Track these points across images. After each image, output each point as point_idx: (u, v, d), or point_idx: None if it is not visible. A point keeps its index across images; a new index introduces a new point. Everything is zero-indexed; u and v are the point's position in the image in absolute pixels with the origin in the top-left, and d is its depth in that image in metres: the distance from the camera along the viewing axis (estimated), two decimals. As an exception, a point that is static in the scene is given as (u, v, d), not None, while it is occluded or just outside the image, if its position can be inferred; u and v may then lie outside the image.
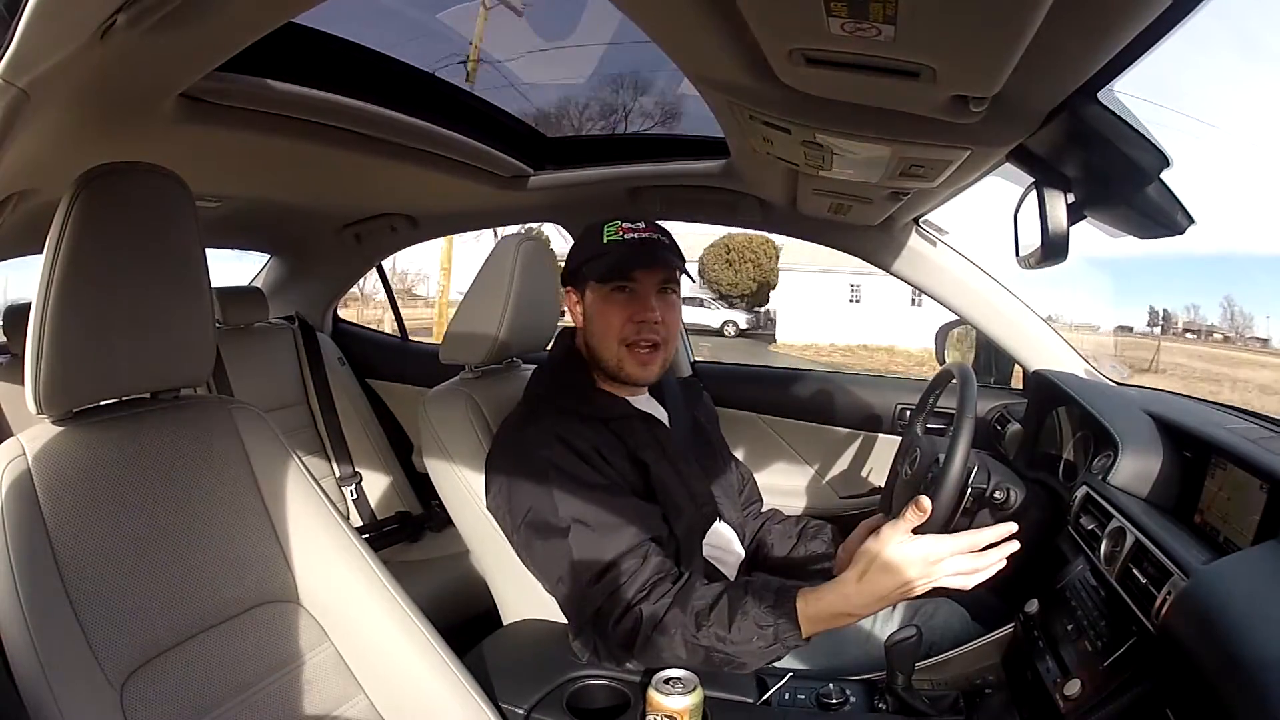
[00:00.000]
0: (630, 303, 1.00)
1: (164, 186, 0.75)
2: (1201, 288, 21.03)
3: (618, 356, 1.01)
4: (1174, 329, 19.49)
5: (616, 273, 0.99)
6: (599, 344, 1.02)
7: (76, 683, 0.65)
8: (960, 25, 0.54)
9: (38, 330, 0.67)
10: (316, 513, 0.86)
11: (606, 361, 1.02)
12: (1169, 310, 19.98)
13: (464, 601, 1.54)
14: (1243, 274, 23.31)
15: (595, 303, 1.02)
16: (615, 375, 1.03)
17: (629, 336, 1.00)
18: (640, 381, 1.04)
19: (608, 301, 1.00)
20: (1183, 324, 19.64)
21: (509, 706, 0.89)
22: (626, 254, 0.98)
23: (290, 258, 2.23)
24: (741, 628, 0.84)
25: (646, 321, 0.99)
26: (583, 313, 1.05)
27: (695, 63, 0.84)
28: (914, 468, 1.09)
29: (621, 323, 0.99)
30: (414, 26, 1.21)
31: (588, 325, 1.04)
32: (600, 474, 0.95)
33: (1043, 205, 0.88)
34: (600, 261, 1.00)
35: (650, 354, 1.01)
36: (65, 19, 0.57)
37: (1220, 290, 20.29)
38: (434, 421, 1.10)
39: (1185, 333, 19.34)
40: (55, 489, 0.69)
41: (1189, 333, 19.27)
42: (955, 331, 1.69)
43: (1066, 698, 0.77)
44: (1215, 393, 8.28)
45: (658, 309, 1.00)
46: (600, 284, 1.01)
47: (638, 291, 1.00)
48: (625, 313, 0.99)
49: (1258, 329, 18.00)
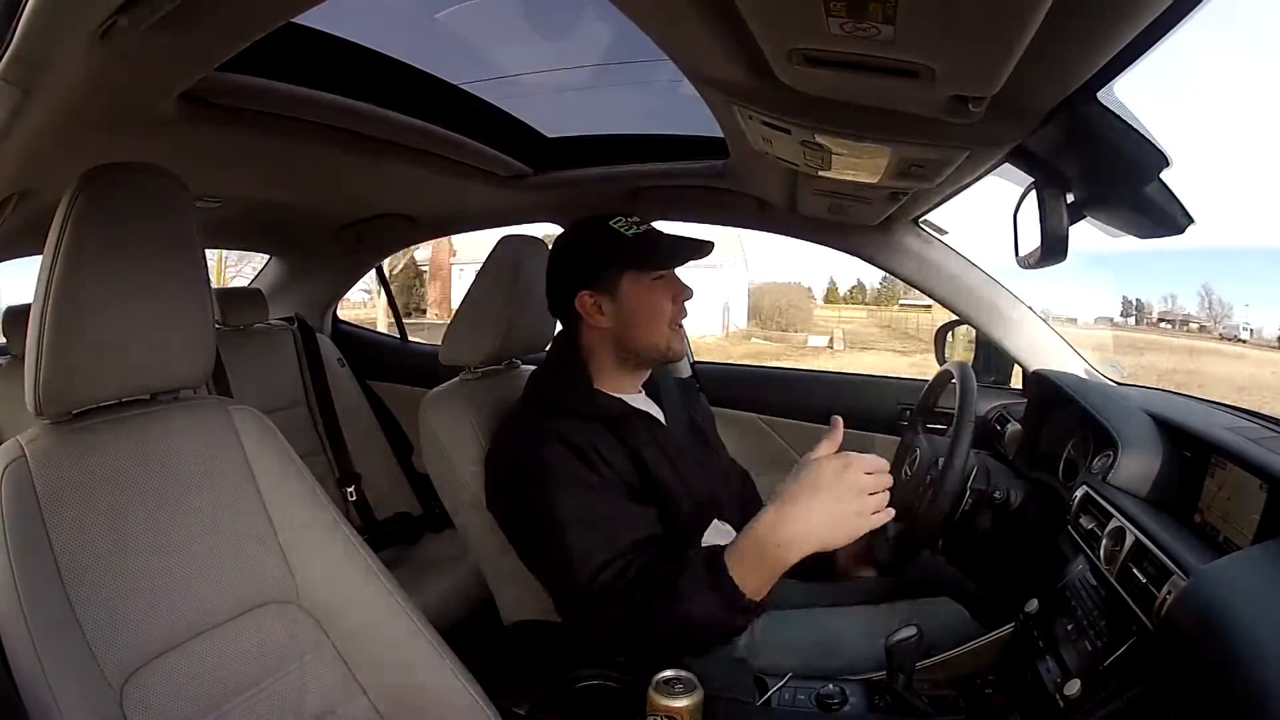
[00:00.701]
0: (670, 287, 1.06)
1: (164, 186, 0.75)
2: (1181, 280, 20.84)
3: (667, 338, 1.06)
4: (1148, 319, 19.25)
5: (668, 261, 1.05)
6: (648, 330, 1.05)
7: (76, 683, 0.64)
8: (960, 25, 0.54)
9: (37, 330, 0.67)
10: (316, 514, 0.86)
11: (655, 344, 1.05)
12: (1142, 300, 19.75)
13: (464, 602, 1.54)
14: (1225, 266, 23.18)
15: (639, 293, 1.04)
16: (662, 358, 1.07)
17: (675, 318, 1.06)
18: (679, 357, 1.11)
19: (653, 289, 1.05)
20: (1158, 314, 19.37)
21: (509, 706, 0.89)
22: (674, 243, 1.05)
23: (290, 258, 2.23)
24: (695, 609, 0.84)
25: (687, 299, 1.07)
26: (615, 309, 1.04)
27: (695, 63, 0.84)
28: (914, 468, 1.09)
29: (667, 305, 1.05)
30: (414, 26, 1.21)
31: (628, 316, 1.04)
32: (598, 473, 0.95)
33: (1042, 205, 0.88)
34: (648, 254, 1.04)
35: (681, 329, 1.08)
36: (65, 19, 0.57)
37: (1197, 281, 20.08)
38: (433, 422, 1.10)
39: (1160, 322, 19.06)
40: (55, 490, 0.69)
41: (1163, 322, 19.00)
42: (955, 331, 1.69)
43: (1066, 698, 0.76)
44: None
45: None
46: (641, 275, 1.04)
47: (670, 277, 1.06)
48: (669, 295, 1.05)
49: (1236, 317, 17.56)
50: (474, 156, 1.40)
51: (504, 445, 1.03)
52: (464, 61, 1.27)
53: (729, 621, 0.86)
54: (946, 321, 1.68)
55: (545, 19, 1.21)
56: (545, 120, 1.52)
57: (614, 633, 0.88)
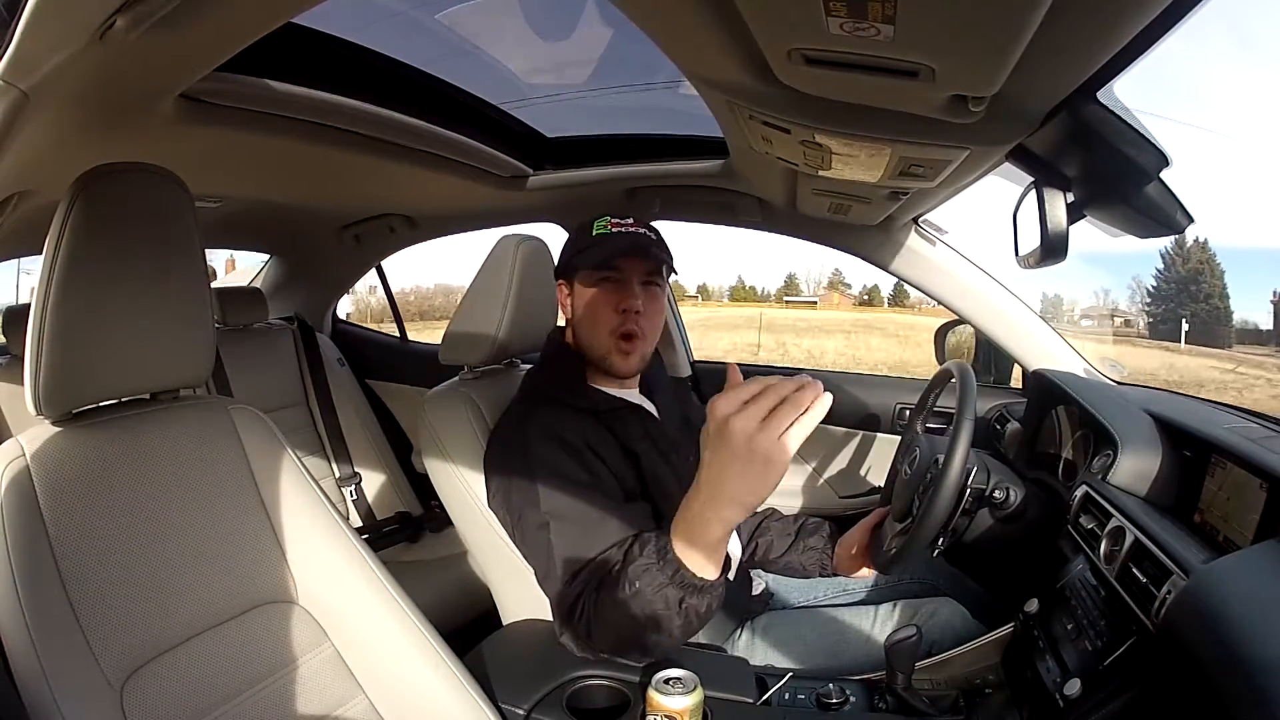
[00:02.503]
0: (616, 291, 1.02)
1: (164, 186, 0.75)
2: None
3: (606, 346, 1.03)
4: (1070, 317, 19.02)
5: (604, 262, 1.02)
6: (588, 333, 1.04)
7: (76, 683, 0.65)
8: (959, 25, 0.54)
9: (37, 330, 0.67)
10: (316, 513, 0.86)
11: (595, 350, 1.04)
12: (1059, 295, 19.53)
13: (464, 602, 1.54)
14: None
15: (584, 293, 1.05)
16: (601, 365, 1.05)
17: (616, 326, 1.02)
18: (622, 373, 1.05)
19: (595, 291, 1.03)
20: (1080, 310, 19.08)
21: (509, 706, 0.89)
22: (614, 244, 1.02)
23: (290, 258, 2.23)
24: (644, 590, 0.79)
25: (629, 310, 1.01)
26: (572, 305, 1.07)
27: (695, 63, 0.84)
28: (913, 467, 1.09)
29: (609, 311, 1.02)
30: (414, 26, 1.21)
31: (577, 316, 1.06)
32: (590, 470, 0.95)
33: (1042, 205, 0.88)
34: (590, 252, 1.02)
35: (629, 344, 1.03)
36: (65, 20, 0.57)
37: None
38: (433, 422, 1.10)
39: (1081, 319, 18.77)
40: (55, 489, 0.69)
41: (1085, 319, 18.73)
42: (954, 331, 1.69)
43: (1066, 698, 0.76)
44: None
45: (640, 298, 1.02)
46: (589, 274, 1.03)
47: (623, 281, 1.02)
48: (611, 301, 1.02)
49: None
50: (474, 156, 1.40)
51: (499, 440, 1.04)
52: (464, 62, 1.27)
53: (683, 599, 0.78)
54: (946, 321, 1.68)
55: (545, 19, 1.22)
56: (545, 120, 1.52)
57: (591, 633, 0.87)
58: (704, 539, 0.76)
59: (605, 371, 1.05)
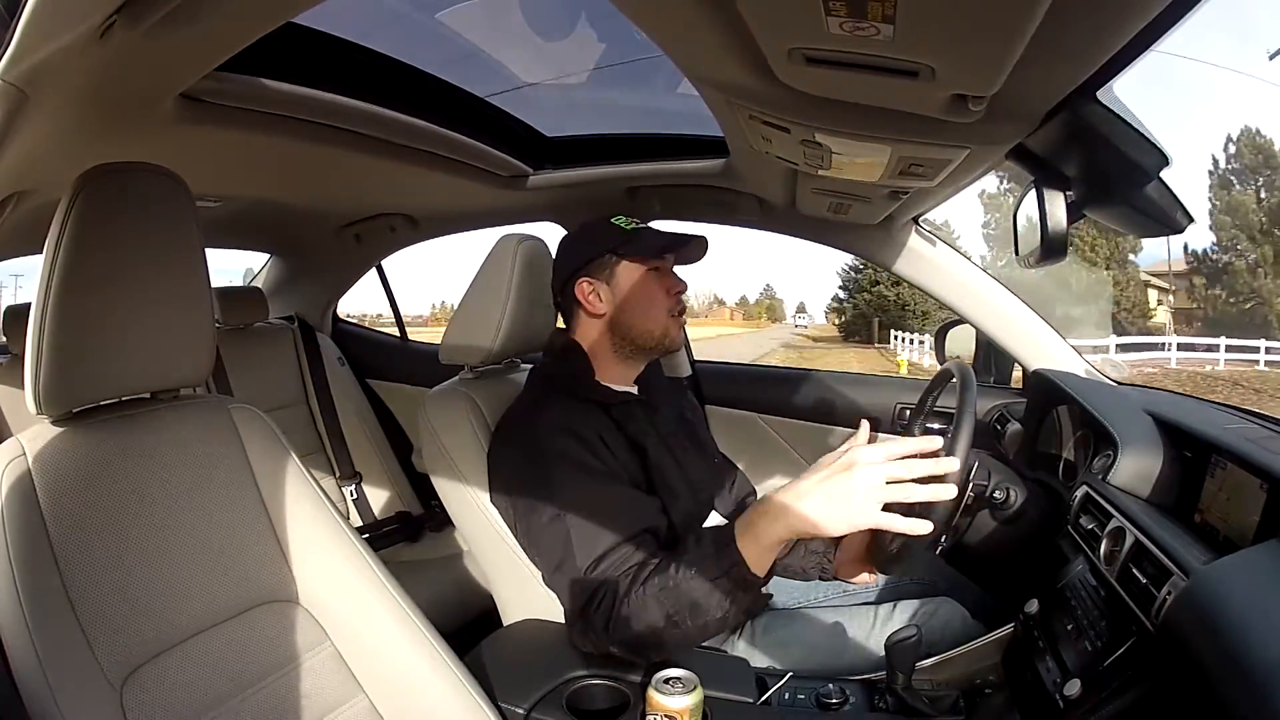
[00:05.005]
0: (665, 279, 1.10)
1: (164, 186, 0.75)
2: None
3: (664, 325, 1.09)
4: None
5: (660, 252, 1.09)
6: (643, 316, 1.08)
7: (76, 683, 0.65)
8: (959, 25, 0.54)
9: (37, 330, 0.67)
10: (316, 513, 0.86)
11: (651, 332, 1.08)
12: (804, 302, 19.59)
13: (464, 601, 1.54)
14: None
15: (635, 282, 1.07)
16: (658, 345, 1.10)
17: (672, 306, 1.09)
18: (676, 346, 1.14)
19: (649, 279, 1.08)
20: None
21: (509, 706, 0.89)
22: (666, 237, 1.09)
23: (290, 258, 2.23)
24: (694, 577, 0.82)
25: (681, 290, 1.11)
26: (611, 296, 1.08)
27: (695, 62, 0.84)
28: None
29: (663, 294, 1.09)
30: (414, 26, 1.21)
31: (624, 304, 1.07)
32: (602, 462, 0.96)
33: (1042, 204, 0.88)
34: (637, 244, 1.07)
35: (682, 318, 1.12)
36: (65, 19, 0.57)
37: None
38: (434, 422, 1.10)
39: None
40: (55, 489, 0.69)
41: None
42: (954, 331, 1.69)
43: (1066, 698, 0.76)
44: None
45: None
46: (636, 264, 1.07)
47: (665, 270, 1.10)
48: (664, 285, 1.09)
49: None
50: (474, 156, 1.40)
51: (508, 433, 1.04)
52: (464, 61, 1.27)
53: (730, 592, 0.82)
54: (946, 321, 1.68)
55: (545, 19, 1.22)
56: (545, 120, 1.52)
57: (611, 623, 0.86)
58: (768, 538, 0.81)
59: (662, 349, 1.11)
